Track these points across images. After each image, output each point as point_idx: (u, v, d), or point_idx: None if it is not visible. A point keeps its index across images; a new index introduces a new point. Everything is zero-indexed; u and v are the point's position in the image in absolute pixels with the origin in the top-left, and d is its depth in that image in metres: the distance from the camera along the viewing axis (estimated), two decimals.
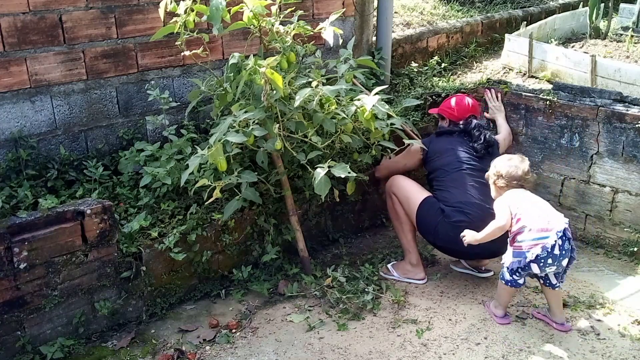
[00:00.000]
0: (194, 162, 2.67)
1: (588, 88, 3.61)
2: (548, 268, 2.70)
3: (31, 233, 2.47)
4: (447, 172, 3.20)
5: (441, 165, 3.25)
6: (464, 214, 3.01)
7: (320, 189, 2.71)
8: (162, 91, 3.23)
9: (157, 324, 2.88)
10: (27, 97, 2.92)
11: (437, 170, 3.27)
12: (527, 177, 2.89)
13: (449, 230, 3.03)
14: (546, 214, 2.74)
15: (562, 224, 2.67)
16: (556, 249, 2.65)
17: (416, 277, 3.24)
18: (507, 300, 2.91)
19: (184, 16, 2.76)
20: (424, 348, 2.71)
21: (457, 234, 2.95)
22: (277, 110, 2.81)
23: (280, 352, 2.69)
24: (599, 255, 3.52)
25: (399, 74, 4.43)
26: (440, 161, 3.26)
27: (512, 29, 5.10)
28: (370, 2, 4.19)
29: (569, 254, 2.70)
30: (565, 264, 2.71)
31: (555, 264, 2.68)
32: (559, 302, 2.85)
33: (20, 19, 2.81)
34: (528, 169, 2.90)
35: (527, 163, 2.92)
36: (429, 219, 3.14)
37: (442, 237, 3.11)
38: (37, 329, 2.57)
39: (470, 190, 3.09)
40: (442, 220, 3.07)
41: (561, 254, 2.67)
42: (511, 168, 2.88)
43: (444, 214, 3.07)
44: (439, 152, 3.30)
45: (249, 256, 3.21)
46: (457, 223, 2.99)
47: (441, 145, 3.32)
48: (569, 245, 2.68)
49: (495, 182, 2.93)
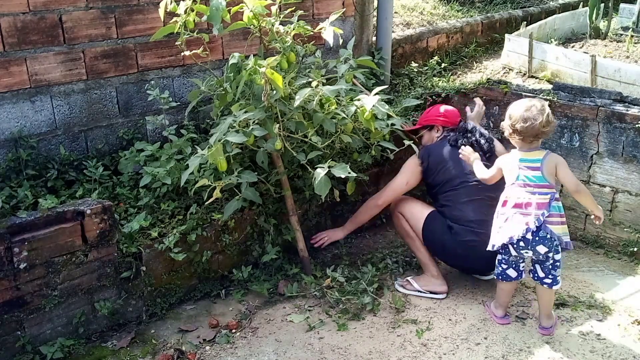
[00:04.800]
0: (194, 162, 2.67)
1: (588, 88, 3.61)
2: (524, 252, 2.67)
3: (31, 233, 2.47)
4: (455, 187, 3.06)
5: (447, 179, 3.10)
6: (475, 234, 2.93)
7: (321, 189, 2.71)
8: (162, 91, 3.23)
9: (157, 324, 2.88)
10: (27, 97, 2.92)
11: (443, 184, 3.11)
12: (545, 130, 2.64)
13: (458, 248, 2.99)
14: (530, 190, 2.65)
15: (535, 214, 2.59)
16: (529, 232, 2.60)
17: (439, 290, 3.12)
18: (506, 300, 2.90)
19: (184, 16, 2.76)
20: (424, 348, 2.71)
21: (467, 253, 2.96)
22: (277, 110, 2.81)
23: (280, 352, 2.69)
24: (599, 255, 3.52)
25: (399, 74, 4.43)
26: (445, 175, 3.10)
27: (512, 29, 5.11)
28: (370, 2, 4.19)
29: (546, 243, 2.61)
30: (542, 251, 2.63)
31: (529, 248, 2.64)
32: (546, 304, 2.77)
33: (20, 19, 2.81)
34: (546, 119, 2.62)
35: (547, 112, 2.63)
36: (435, 235, 3.07)
37: (450, 254, 3.07)
38: (37, 329, 2.57)
39: (482, 207, 2.96)
40: (451, 238, 2.99)
41: (534, 240, 2.61)
42: (527, 123, 2.61)
43: (452, 231, 2.99)
44: (441, 163, 3.13)
45: (249, 256, 3.21)
46: (469, 243, 2.94)
47: (442, 155, 3.15)
48: (545, 233, 2.60)
49: (510, 137, 2.73)
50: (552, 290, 2.74)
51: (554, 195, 2.65)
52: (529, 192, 2.65)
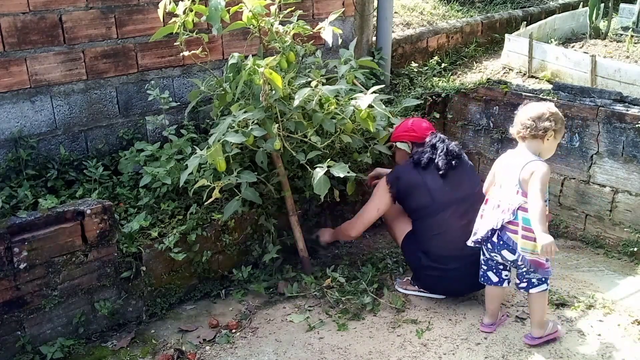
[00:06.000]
0: (193, 162, 2.68)
1: (588, 88, 3.61)
2: (493, 254, 2.64)
3: (31, 233, 2.47)
4: (423, 217, 2.95)
5: (415, 207, 2.98)
6: (440, 270, 2.90)
7: (320, 188, 2.71)
8: (162, 91, 3.23)
9: (157, 324, 2.88)
10: (27, 97, 2.92)
11: (413, 211, 3.02)
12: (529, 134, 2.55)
13: (424, 278, 3.03)
14: (503, 193, 2.58)
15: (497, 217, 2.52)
16: (495, 235, 2.57)
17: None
18: (491, 307, 2.78)
19: (183, 16, 2.76)
20: (424, 348, 2.71)
21: (434, 284, 3.00)
22: (277, 110, 2.81)
23: (280, 352, 2.69)
24: (599, 255, 3.52)
25: (399, 74, 4.43)
26: (413, 201, 2.97)
27: (512, 29, 5.11)
28: (370, 2, 4.19)
29: (510, 249, 2.53)
30: (508, 257, 2.56)
31: (496, 251, 2.60)
32: (534, 311, 2.65)
33: (20, 19, 2.82)
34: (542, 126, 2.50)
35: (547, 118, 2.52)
36: (410, 258, 3.09)
37: (418, 279, 3.09)
38: (37, 329, 2.57)
39: (452, 238, 2.85)
40: (420, 265, 2.98)
41: (499, 244, 2.57)
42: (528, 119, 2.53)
43: (420, 261, 2.97)
44: (410, 188, 2.97)
45: (249, 256, 3.21)
46: (434, 278, 2.96)
47: (410, 179, 2.97)
48: (508, 238, 2.53)
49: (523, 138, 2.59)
50: (537, 295, 2.61)
51: (522, 204, 2.49)
52: (501, 194, 2.59)
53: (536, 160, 2.53)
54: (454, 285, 2.97)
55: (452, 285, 2.97)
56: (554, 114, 2.54)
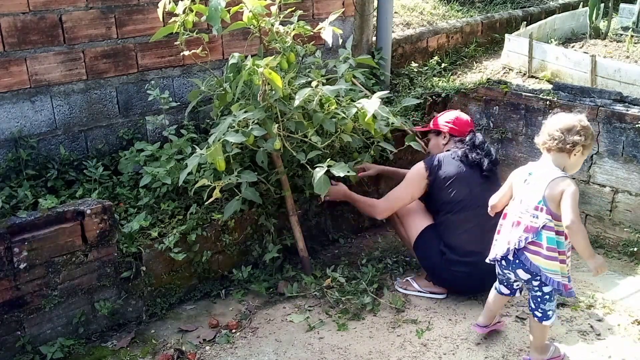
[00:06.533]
0: (193, 161, 2.68)
1: (588, 88, 3.61)
2: (506, 271, 2.48)
3: (31, 233, 2.47)
4: (456, 211, 2.92)
5: (449, 200, 2.93)
6: (465, 265, 2.88)
7: (320, 188, 2.71)
8: (162, 91, 3.23)
9: (157, 324, 2.88)
10: (27, 97, 2.92)
11: (444, 203, 2.96)
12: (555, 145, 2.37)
13: (445, 273, 2.98)
14: (524, 210, 2.40)
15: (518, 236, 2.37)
16: (511, 253, 2.41)
17: (439, 290, 3.09)
18: (491, 308, 2.68)
19: (183, 16, 2.76)
20: (424, 348, 2.71)
21: (454, 280, 2.96)
22: (277, 110, 2.81)
23: (280, 352, 2.69)
24: (599, 255, 3.51)
25: (399, 74, 4.43)
26: (449, 194, 2.92)
27: (512, 29, 5.11)
28: (370, 2, 4.19)
29: (526, 269, 2.39)
30: (523, 276, 2.41)
31: (510, 269, 2.45)
32: (536, 336, 2.53)
33: (20, 19, 2.81)
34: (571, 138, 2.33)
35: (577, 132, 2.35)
36: (425, 253, 3.04)
37: (436, 276, 3.04)
38: (37, 329, 2.57)
39: (481, 236, 2.79)
40: (441, 262, 2.95)
41: (514, 262, 2.41)
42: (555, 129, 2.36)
43: (443, 256, 2.94)
44: (449, 180, 2.93)
45: (249, 256, 3.21)
46: (457, 273, 2.90)
47: (452, 170, 2.94)
48: (526, 258, 2.37)
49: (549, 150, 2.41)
50: (543, 325, 2.48)
51: (547, 223, 2.33)
52: (521, 211, 2.41)
53: (564, 176, 2.33)
54: (486, 280, 2.76)
55: (483, 280, 2.81)
56: (585, 128, 2.35)
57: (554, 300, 2.45)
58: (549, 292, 2.42)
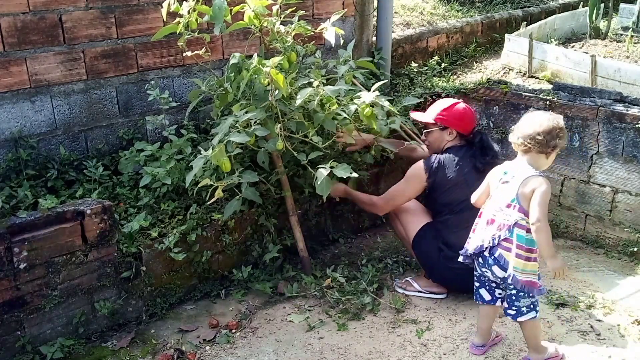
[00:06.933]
0: (198, 163, 2.68)
1: (588, 88, 3.61)
2: (484, 270, 2.50)
3: (31, 233, 2.47)
4: (457, 212, 2.93)
5: (450, 201, 2.94)
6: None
7: (322, 189, 2.71)
8: (162, 91, 3.23)
9: (157, 324, 2.88)
10: (27, 97, 2.92)
11: (445, 204, 2.98)
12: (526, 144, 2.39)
13: (444, 271, 2.98)
14: (497, 208, 2.44)
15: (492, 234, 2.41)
16: (487, 250, 2.44)
17: (439, 290, 3.09)
18: (483, 327, 2.64)
19: (187, 16, 2.76)
20: (424, 348, 2.71)
21: (453, 278, 2.94)
22: (278, 110, 2.81)
23: (280, 352, 2.69)
24: (599, 255, 3.52)
25: (399, 74, 4.43)
26: (450, 196, 2.94)
27: (512, 29, 5.11)
28: (370, 2, 4.19)
29: (501, 266, 2.41)
30: (499, 274, 2.43)
31: (486, 267, 2.47)
32: (527, 337, 2.54)
33: (20, 19, 2.81)
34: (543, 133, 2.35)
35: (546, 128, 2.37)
36: (424, 251, 3.05)
37: (435, 274, 3.04)
38: (37, 329, 2.57)
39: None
40: (439, 259, 2.96)
41: (489, 259, 2.44)
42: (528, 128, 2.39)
43: (441, 253, 2.95)
44: (450, 183, 2.93)
45: (249, 256, 3.21)
46: (457, 270, 2.86)
47: (453, 174, 2.93)
48: (500, 255, 2.41)
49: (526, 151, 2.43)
50: (527, 323, 2.48)
51: (519, 221, 2.36)
52: (495, 209, 2.45)
53: (537, 175, 2.37)
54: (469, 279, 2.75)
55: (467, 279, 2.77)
56: (562, 129, 2.39)
57: (528, 297, 2.45)
58: (522, 290, 2.43)
